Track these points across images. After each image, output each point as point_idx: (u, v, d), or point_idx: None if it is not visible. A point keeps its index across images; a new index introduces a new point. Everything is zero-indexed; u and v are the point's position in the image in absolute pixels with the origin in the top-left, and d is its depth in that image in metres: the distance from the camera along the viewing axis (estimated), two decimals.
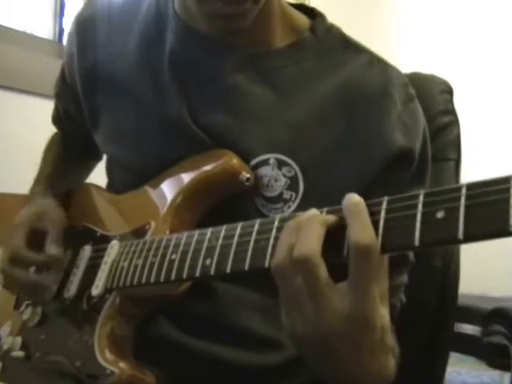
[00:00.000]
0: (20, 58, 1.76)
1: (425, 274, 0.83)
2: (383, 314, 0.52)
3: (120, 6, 0.86)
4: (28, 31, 1.94)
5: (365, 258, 0.48)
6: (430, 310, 0.88)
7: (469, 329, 1.77)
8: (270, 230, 0.55)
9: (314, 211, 0.52)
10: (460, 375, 2.34)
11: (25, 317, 0.82)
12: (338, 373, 0.54)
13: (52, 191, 0.93)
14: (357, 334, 0.50)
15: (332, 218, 0.51)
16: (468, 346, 1.76)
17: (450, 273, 0.89)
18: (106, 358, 0.66)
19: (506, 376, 1.97)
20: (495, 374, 2.09)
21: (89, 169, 1.06)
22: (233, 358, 0.70)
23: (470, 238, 0.43)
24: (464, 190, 0.44)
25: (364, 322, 0.50)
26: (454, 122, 0.96)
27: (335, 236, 0.50)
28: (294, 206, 0.70)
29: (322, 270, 0.50)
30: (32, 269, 0.80)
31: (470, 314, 1.78)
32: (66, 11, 2.01)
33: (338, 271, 0.51)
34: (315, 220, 0.51)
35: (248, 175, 0.70)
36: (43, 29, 1.99)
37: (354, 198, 0.51)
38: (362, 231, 0.48)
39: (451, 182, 0.92)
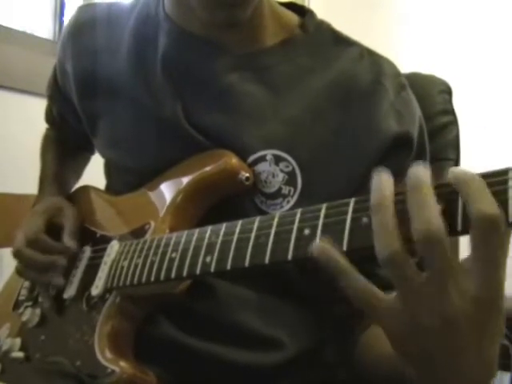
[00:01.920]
0: (20, 57, 1.76)
1: None
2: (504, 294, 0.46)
3: (115, 11, 0.86)
4: (28, 31, 1.94)
5: (493, 230, 0.42)
6: None
7: None
8: (270, 226, 0.55)
9: (390, 188, 0.47)
10: None
11: (24, 318, 0.82)
12: (454, 365, 0.47)
13: (62, 192, 0.94)
14: (484, 317, 0.45)
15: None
16: None
17: None
18: (106, 357, 0.66)
19: (506, 376, 1.97)
20: None
21: (85, 161, 1.07)
22: (233, 357, 0.70)
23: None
24: None
25: (492, 305, 0.45)
26: (453, 122, 0.96)
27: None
28: (292, 201, 0.71)
29: (449, 249, 0.44)
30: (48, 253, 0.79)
31: None
32: (65, 11, 2.01)
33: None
34: (424, 187, 0.45)
35: (247, 174, 0.70)
36: (43, 29, 2.00)
37: (461, 169, 0.45)
38: (486, 201, 0.42)
39: None
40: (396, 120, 0.73)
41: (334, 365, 0.77)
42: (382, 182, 0.47)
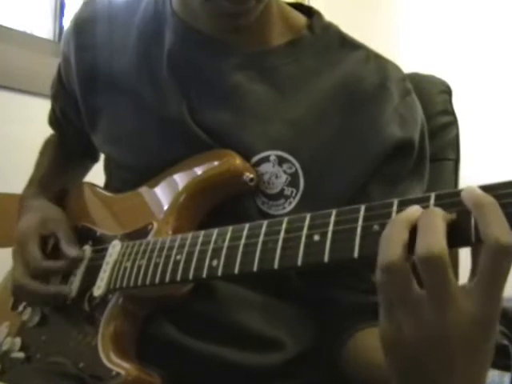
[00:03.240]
0: (20, 57, 1.75)
1: None
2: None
3: (119, 6, 0.86)
4: (28, 31, 1.94)
5: (504, 257, 0.43)
6: None
7: None
8: (278, 231, 0.54)
9: (416, 207, 0.47)
10: None
11: (24, 317, 0.82)
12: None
13: (44, 193, 0.93)
14: (478, 338, 0.46)
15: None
16: None
17: None
18: (110, 359, 0.65)
19: (506, 376, 1.96)
20: (495, 374, 2.08)
21: (85, 170, 1.06)
22: (233, 357, 0.70)
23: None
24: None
25: (488, 326, 0.46)
26: (453, 122, 0.96)
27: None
28: (294, 202, 0.71)
29: (451, 270, 0.45)
30: (53, 280, 0.79)
31: None
32: (65, 11, 2.01)
33: None
34: (437, 215, 0.45)
35: (251, 175, 0.70)
36: (43, 29, 1.99)
37: (479, 191, 0.45)
38: (503, 229, 0.43)
39: (450, 182, 0.93)
40: (399, 125, 0.73)
41: (334, 365, 0.77)
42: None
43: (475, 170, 2.20)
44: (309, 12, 0.81)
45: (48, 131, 1.05)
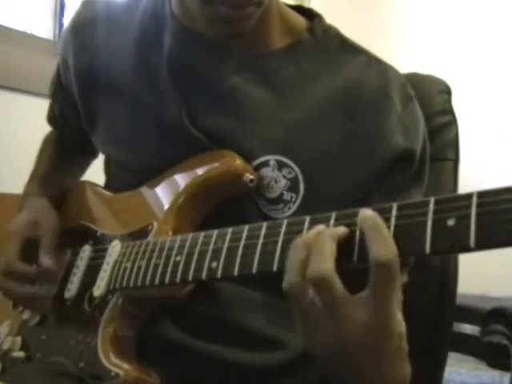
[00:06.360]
0: (20, 57, 1.76)
1: (423, 273, 0.83)
2: (400, 320, 0.52)
3: (118, 8, 0.86)
4: (28, 31, 1.94)
5: (386, 272, 0.48)
6: (429, 310, 0.88)
7: (468, 329, 1.76)
8: (278, 233, 0.55)
9: (320, 227, 0.52)
10: (460, 375, 2.35)
11: (24, 316, 0.82)
12: (359, 382, 0.55)
13: (45, 190, 0.93)
14: (377, 343, 0.51)
15: (341, 230, 0.51)
16: (467, 346, 1.75)
17: (449, 272, 0.89)
18: (109, 360, 0.65)
19: (506, 376, 1.97)
20: (495, 373, 2.09)
21: (85, 166, 1.06)
22: (235, 358, 0.70)
23: (481, 246, 0.44)
24: (475, 198, 0.44)
25: (383, 331, 0.51)
26: (453, 122, 0.96)
27: (345, 245, 0.50)
28: (294, 208, 0.70)
29: (338, 286, 0.50)
30: (26, 282, 0.80)
31: (470, 313, 1.77)
32: (65, 11, 2.01)
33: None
34: (325, 236, 0.51)
35: (252, 176, 0.70)
36: (43, 29, 2.00)
37: (368, 213, 0.50)
38: (383, 247, 0.48)
39: (449, 182, 0.93)
40: (402, 134, 0.72)
41: None
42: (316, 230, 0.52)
43: (475, 170, 2.20)
44: (310, 14, 0.80)
45: (47, 131, 1.05)
